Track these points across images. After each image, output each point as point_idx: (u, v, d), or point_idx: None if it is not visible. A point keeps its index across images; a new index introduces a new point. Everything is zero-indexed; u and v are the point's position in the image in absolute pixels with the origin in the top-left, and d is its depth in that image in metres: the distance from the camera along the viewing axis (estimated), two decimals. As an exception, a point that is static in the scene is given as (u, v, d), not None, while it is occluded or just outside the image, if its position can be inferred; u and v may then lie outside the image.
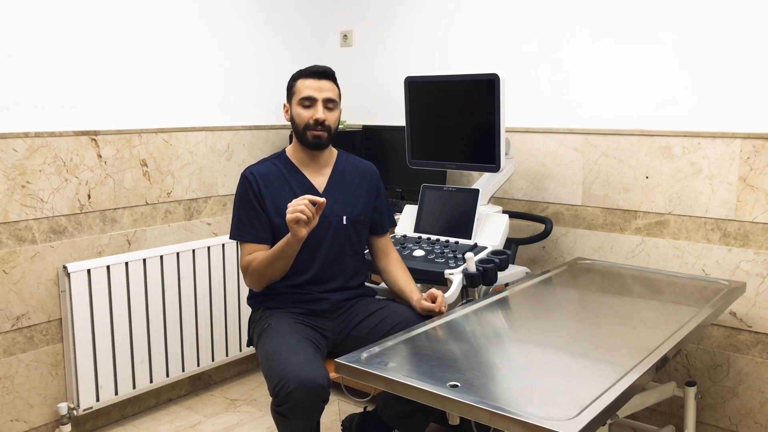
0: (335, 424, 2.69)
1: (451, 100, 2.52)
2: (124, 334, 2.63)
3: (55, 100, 2.45)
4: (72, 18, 2.47)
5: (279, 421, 1.89)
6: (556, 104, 2.74)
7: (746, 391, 2.41)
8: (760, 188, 2.31)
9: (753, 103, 2.30)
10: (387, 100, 3.24)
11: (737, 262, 2.37)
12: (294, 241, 1.97)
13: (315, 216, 1.93)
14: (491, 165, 2.43)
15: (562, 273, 2.38)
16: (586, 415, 1.28)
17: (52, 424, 2.54)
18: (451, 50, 3.02)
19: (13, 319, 2.40)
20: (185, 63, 2.86)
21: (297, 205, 1.90)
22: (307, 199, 1.91)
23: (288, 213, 1.91)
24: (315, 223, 1.95)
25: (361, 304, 2.21)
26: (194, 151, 2.91)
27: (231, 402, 2.94)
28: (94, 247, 2.59)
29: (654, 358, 1.57)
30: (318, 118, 2.11)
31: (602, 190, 2.65)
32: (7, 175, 2.33)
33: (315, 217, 1.93)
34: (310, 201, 1.91)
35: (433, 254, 2.33)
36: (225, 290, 2.98)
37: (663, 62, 2.47)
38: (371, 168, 2.32)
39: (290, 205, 1.92)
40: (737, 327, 2.41)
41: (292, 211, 1.90)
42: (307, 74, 2.16)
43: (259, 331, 2.09)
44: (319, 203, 1.92)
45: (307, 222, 1.92)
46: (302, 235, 1.94)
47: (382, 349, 1.64)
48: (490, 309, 1.98)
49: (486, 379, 1.48)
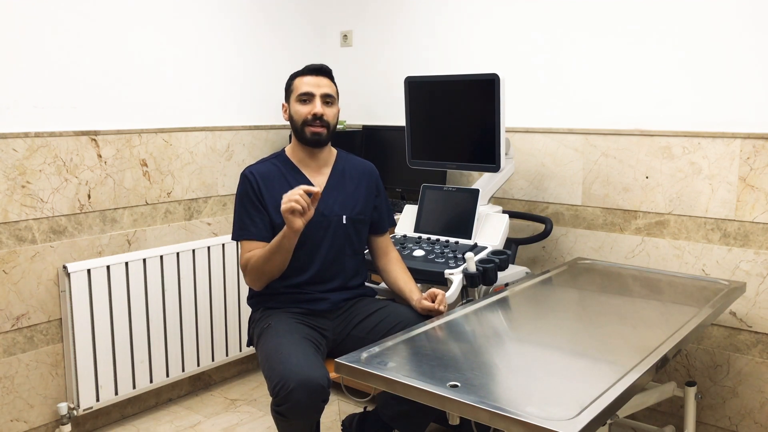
0: (335, 424, 2.69)
1: (451, 100, 2.52)
2: (124, 334, 2.63)
3: (55, 100, 2.45)
4: (72, 18, 2.47)
5: (279, 421, 1.89)
6: (556, 104, 2.74)
7: (746, 391, 2.41)
8: (760, 188, 2.31)
9: (753, 103, 2.30)
10: (387, 100, 3.24)
11: (737, 262, 2.37)
12: (290, 233, 1.95)
13: (311, 206, 1.93)
14: (491, 165, 2.43)
15: (562, 273, 2.38)
16: (586, 415, 1.28)
17: (52, 424, 2.54)
18: (451, 50, 3.02)
19: (13, 319, 2.40)
20: (185, 63, 2.86)
21: (292, 195, 1.89)
22: (302, 189, 1.91)
23: (283, 204, 1.90)
24: (311, 214, 1.94)
25: (361, 304, 2.21)
26: (194, 151, 2.91)
27: (231, 402, 2.94)
28: (94, 247, 2.59)
29: (654, 358, 1.57)
30: (316, 112, 2.12)
31: (602, 190, 2.65)
32: (7, 175, 2.33)
33: (311, 207, 1.93)
34: (305, 191, 1.91)
35: (433, 254, 2.33)
36: (225, 290, 2.98)
37: (663, 62, 2.47)
38: (371, 167, 2.32)
39: (285, 195, 1.91)
40: (737, 327, 2.41)
41: (286, 201, 1.89)
42: (304, 72, 2.18)
43: (259, 331, 2.09)
44: (314, 193, 1.92)
45: (303, 212, 1.91)
46: (298, 227, 1.92)
47: (382, 349, 1.64)
48: (490, 309, 1.98)
49: (486, 379, 1.48)
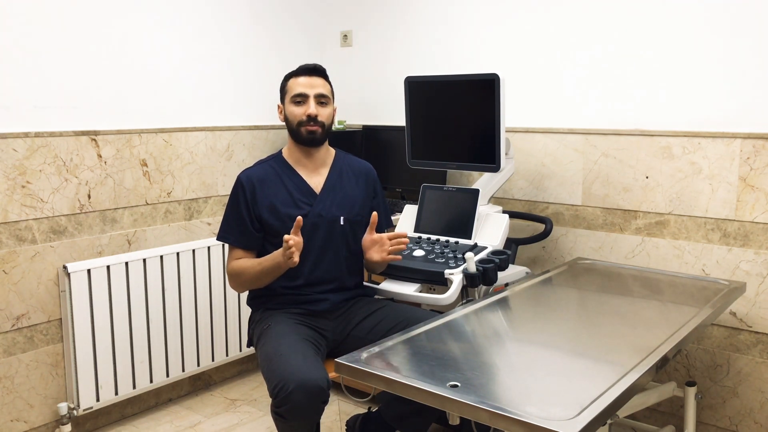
0: (335, 424, 2.69)
1: (451, 100, 2.52)
2: (124, 334, 2.63)
3: (55, 100, 2.45)
4: (72, 18, 2.47)
5: (279, 422, 1.89)
6: (557, 104, 2.74)
7: (746, 391, 2.41)
8: (760, 188, 2.31)
9: (753, 103, 2.30)
10: (387, 100, 3.24)
11: (737, 262, 2.37)
12: (287, 267, 2.01)
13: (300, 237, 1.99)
14: (491, 165, 2.43)
15: (562, 273, 2.38)
16: (586, 415, 1.28)
17: (52, 424, 2.54)
18: (451, 50, 3.02)
19: (13, 319, 2.40)
20: (185, 63, 2.86)
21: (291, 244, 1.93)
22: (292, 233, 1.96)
23: (285, 257, 1.95)
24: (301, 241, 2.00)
25: (361, 304, 2.21)
26: (194, 151, 2.91)
27: (231, 402, 2.94)
28: (94, 247, 2.59)
29: (654, 358, 1.56)
30: (310, 113, 2.13)
31: (602, 190, 2.65)
32: (7, 175, 2.33)
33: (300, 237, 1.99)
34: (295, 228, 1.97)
35: (433, 254, 2.33)
36: (225, 290, 2.98)
37: (663, 62, 2.46)
38: (368, 168, 2.32)
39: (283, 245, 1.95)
40: (737, 327, 2.41)
41: (289, 254, 1.94)
42: (297, 73, 2.19)
43: (259, 332, 2.09)
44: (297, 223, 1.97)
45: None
46: (295, 263, 1.97)
47: (382, 349, 1.64)
48: (490, 309, 1.98)
49: (486, 379, 1.48)
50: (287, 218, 2.12)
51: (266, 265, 2.07)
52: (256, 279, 2.10)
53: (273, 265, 2.05)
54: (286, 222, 2.12)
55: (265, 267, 2.07)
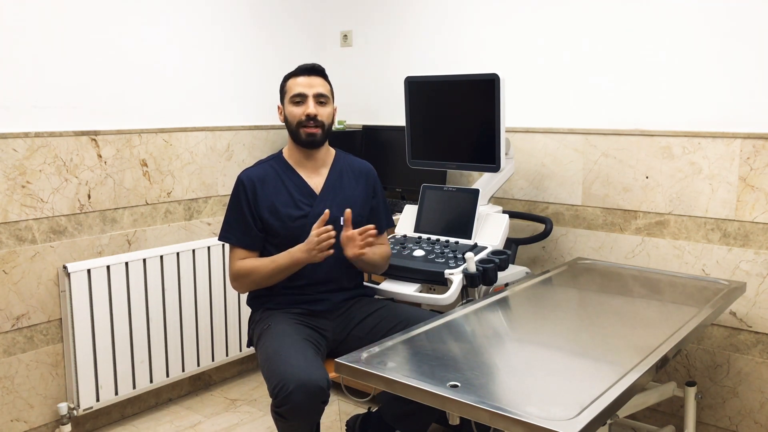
0: (335, 424, 2.69)
1: (451, 100, 2.52)
2: (124, 334, 2.63)
3: (55, 100, 2.45)
4: (72, 18, 2.47)
5: (279, 423, 1.89)
6: (556, 104, 2.74)
7: (746, 391, 2.41)
8: (760, 188, 2.31)
9: (753, 103, 2.30)
10: (387, 100, 3.23)
11: (737, 262, 2.37)
12: (306, 262, 2.04)
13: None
14: (491, 165, 2.43)
15: (562, 273, 2.38)
16: (586, 415, 1.28)
17: (52, 424, 2.54)
18: (451, 50, 3.02)
19: (13, 319, 2.40)
20: (185, 63, 2.86)
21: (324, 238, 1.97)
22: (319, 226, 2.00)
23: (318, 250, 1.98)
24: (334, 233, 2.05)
25: (361, 304, 2.21)
26: (194, 151, 2.91)
27: (231, 402, 2.94)
28: (94, 247, 2.59)
29: (654, 358, 1.56)
30: (309, 113, 2.12)
31: (602, 190, 2.65)
32: (7, 175, 2.33)
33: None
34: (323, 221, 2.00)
35: (433, 254, 2.33)
36: (225, 290, 2.98)
37: (663, 62, 2.47)
38: (368, 168, 2.32)
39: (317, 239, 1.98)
40: (737, 327, 2.41)
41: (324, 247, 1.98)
42: (296, 73, 2.19)
43: (259, 332, 2.09)
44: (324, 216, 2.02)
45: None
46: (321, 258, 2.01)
47: (382, 349, 1.64)
48: (490, 309, 1.98)
49: (486, 379, 1.48)
50: (287, 218, 2.12)
51: (281, 263, 2.06)
52: (269, 277, 2.08)
53: (290, 262, 2.04)
54: (286, 222, 2.12)
55: (280, 264, 2.06)
